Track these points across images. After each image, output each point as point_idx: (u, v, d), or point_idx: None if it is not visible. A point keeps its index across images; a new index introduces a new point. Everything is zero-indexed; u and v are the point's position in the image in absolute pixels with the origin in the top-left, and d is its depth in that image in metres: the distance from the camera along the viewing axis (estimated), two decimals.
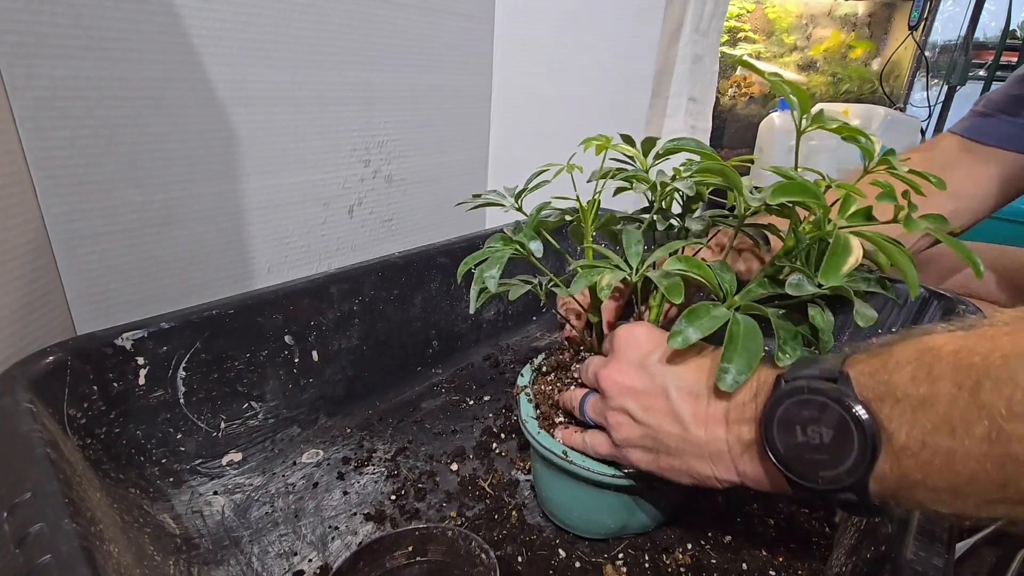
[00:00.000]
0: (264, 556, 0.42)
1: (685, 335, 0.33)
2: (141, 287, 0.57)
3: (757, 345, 0.32)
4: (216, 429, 0.51)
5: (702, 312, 0.34)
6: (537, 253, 0.43)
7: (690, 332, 0.33)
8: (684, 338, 0.33)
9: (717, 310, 0.34)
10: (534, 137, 0.97)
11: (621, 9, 0.91)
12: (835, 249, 0.31)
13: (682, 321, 0.33)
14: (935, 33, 1.98)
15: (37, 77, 0.46)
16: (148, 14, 0.51)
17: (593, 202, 0.45)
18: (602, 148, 0.43)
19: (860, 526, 0.40)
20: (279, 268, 0.69)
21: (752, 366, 0.31)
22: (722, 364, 0.32)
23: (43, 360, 0.41)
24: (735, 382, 0.32)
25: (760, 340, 0.32)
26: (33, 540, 0.28)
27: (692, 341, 0.33)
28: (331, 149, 0.71)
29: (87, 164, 0.50)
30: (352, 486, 0.50)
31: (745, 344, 0.32)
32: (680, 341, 0.33)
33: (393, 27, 0.73)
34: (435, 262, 0.69)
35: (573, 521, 0.44)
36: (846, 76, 2.01)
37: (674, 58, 0.99)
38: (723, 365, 0.32)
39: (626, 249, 0.40)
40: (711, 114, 1.11)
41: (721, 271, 0.36)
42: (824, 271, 0.31)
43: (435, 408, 0.62)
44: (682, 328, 0.33)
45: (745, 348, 0.32)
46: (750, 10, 1.98)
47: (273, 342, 0.54)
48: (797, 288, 0.34)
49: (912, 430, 0.26)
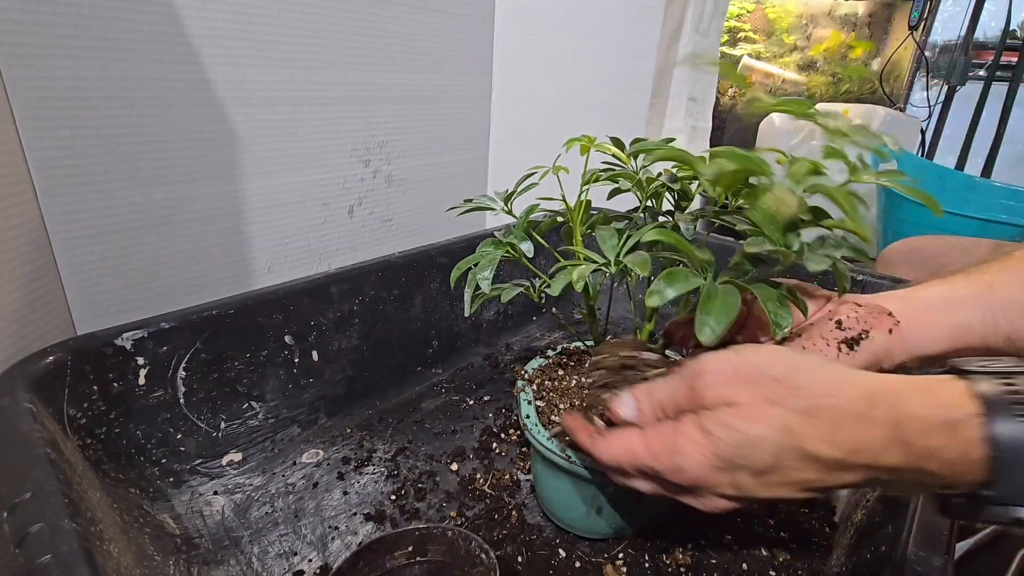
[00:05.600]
0: (264, 556, 0.42)
1: (662, 293, 0.33)
2: (141, 287, 0.57)
3: (736, 300, 0.32)
4: (216, 429, 0.51)
5: (680, 276, 0.34)
6: (528, 254, 0.44)
7: (668, 291, 0.33)
8: (661, 295, 0.33)
9: (696, 277, 0.34)
10: (534, 137, 0.97)
11: (621, 9, 0.91)
12: (768, 199, 0.32)
13: (660, 281, 0.34)
14: (935, 33, 1.98)
15: (37, 77, 0.46)
16: (148, 14, 0.51)
17: (580, 203, 0.45)
18: (586, 149, 0.43)
19: (860, 526, 0.40)
20: (279, 268, 0.69)
21: (730, 318, 0.31)
22: (701, 316, 0.31)
23: (43, 360, 0.41)
24: (713, 332, 0.31)
25: (737, 296, 0.32)
26: (33, 540, 0.28)
27: (669, 298, 0.33)
28: (331, 149, 0.71)
29: (87, 164, 0.50)
30: (352, 486, 0.50)
31: (724, 300, 0.32)
32: (657, 299, 0.33)
33: (393, 27, 0.73)
34: (435, 262, 0.69)
35: (573, 521, 0.44)
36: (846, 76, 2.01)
37: (674, 58, 0.99)
38: (702, 317, 0.31)
39: (601, 244, 0.41)
40: (711, 114, 1.11)
41: (699, 251, 0.37)
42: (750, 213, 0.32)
43: (435, 408, 0.62)
44: (660, 288, 0.33)
45: (724, 303, 0.32)
46: (750, 10, 1.98)
47: (273, 342, 0.54)
48: (756, 246, 0.34)
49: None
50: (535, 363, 0.50)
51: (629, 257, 0.36)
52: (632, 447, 0.33)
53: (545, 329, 0.82)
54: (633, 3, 0.90)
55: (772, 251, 0.34)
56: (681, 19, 0.97)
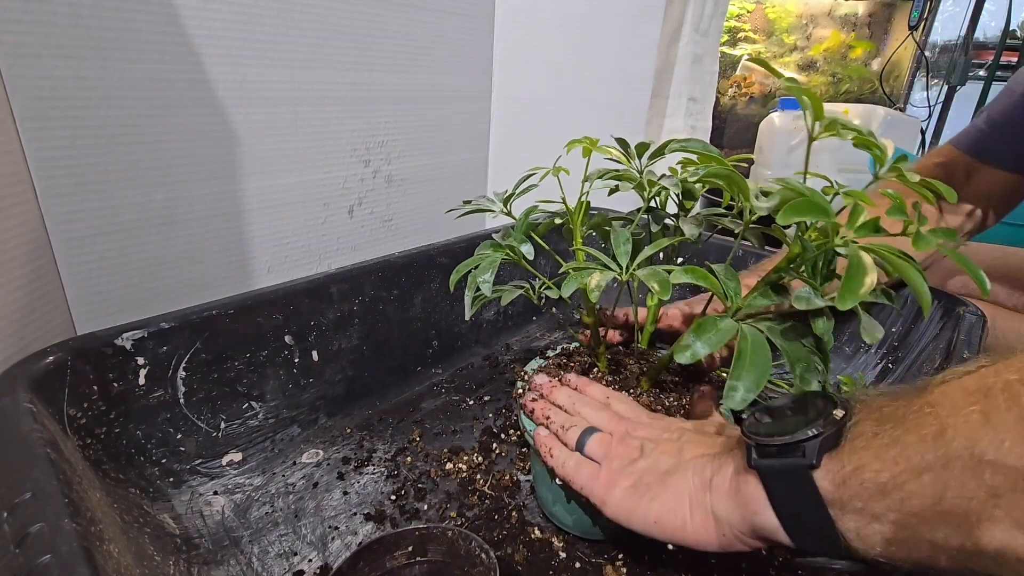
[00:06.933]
0: (264, 556, 0.42)
1: (693, 349, 0.33)
2: (141, 287, 0.57)
3: (765, 360, 0.32)
4: (216, 429, 0.51)
5: (709, 326, 0.33)
6: (528, 256, 0.43)
7: (698, 346, 0.33)
8: (692, 352, 0.32)
9: (723, 322, 0.34)
10: (534, 137, 0.97)
11: (621, 9, 0.91)
12: (853, 271, 0.30)
13: (690, 335, 0.33)
14: (935, 33, 1.98)
15: (37, 77, 0.46)
16: (148, 14, 0.51)
17: (580, 204, 0.45)
18: (587, 151, 0.43)
19: None
20: (279, 268, 0.69)
21: (760, 384, 0.31)
22: (730, 382, 0.31)
23: (43, 360, 0.41)
24: (744, 400, 0.31)
25: (768, 354, 0.32)
26: (33, 540, 0.28)
27: (700, 355, 0.32)
28: (331, 149, 0.71)
29: (87, 164, 0.50)
30: (352, 486, 0.50)
31: (753, 360, 0.32)
32: (688, 356, 0.32)
33: (393, 27, 0.73)
34: (435, 262, 0.69)
35: (573, 522, 0.44)
36: (846, 76, 2.01)
37: (674, 58, 0.99)
38: (731, 383, 0.31)
39: (615, 249, 0.40)
40: (711, 114, 1.11)
41: (727, 278, 0.36)
42: (842, 295, 0.29)
43: (435, 408, 0.62)
44: (690, 342, 0.33)
45: (753, 364, 0.31)
46: (750, 10, 1.98)
47: (273, 342, 0.54)
48: (806, 303, 0.33)
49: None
50: (535, 363, 0.50)
51: (646, 273, 0.36)
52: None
53: (545, 329, 0.82)
54: (633, 3, 0.90)
55: (821, 308, 0.33)
56: (681, 19, 0.97)
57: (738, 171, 0.37)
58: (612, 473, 0.36)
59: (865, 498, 0.26)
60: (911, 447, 0.25)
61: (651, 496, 0.34)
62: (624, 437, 0.38)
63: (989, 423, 0.23)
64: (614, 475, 0.36)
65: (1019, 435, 0.22)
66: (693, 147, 0.41)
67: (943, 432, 0.24)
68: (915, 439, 0.25)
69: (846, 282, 0.30)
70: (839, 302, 0.30)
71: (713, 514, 0.32)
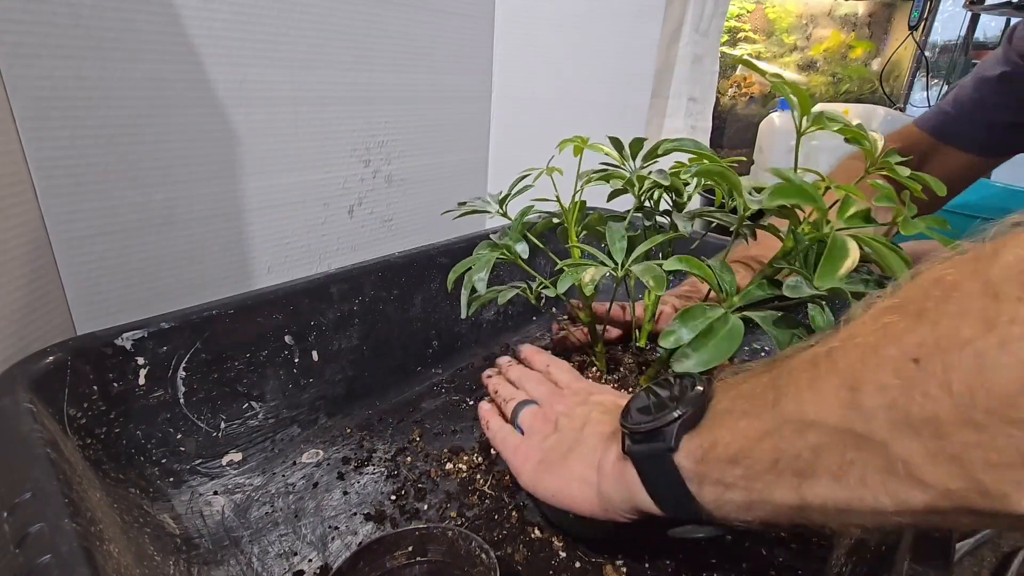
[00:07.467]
0: (264, 556, 0.42)
1: (678, 335, 0.33)
2: (141, 287, 0.57)
3: (730, 347, 0.32)
4: (216, 429, 0.51)
5: (697, 313, 0.34)
6: (523, 255, 0.44)
7: (683, 332, 0.33)
8: (676, 338, 0.33)
9: (713, 311, 0.34)
10: (534, 137, 0.97)
11: (621, 9, 0.91)
12: (831, 252, 0.31)
13: (676, 321, 0.34)
14: (935, 33, 1.98)
15: (37, 77, 0.46)
16: (148, 14, 0.51)
17: (575, 203, 0.45)
18: (579, 150, 0.43)
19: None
20: (279, 268, 0.69)
21: (710, 364, 0.32)
22: (685, 348, 0.33)
23: (43, 360, 0.41)
24: (691, 367, 0.32)
25: (735, 345, 0.32)
26: (33, 540, 0.28)
27: (684, 341, 0.33)
28: (331, 149, 0.71)
29: (87, 164, 0.50)
30: (352, 486, 0.50)
31: (718, 342, 0.32)
32: (672, 341, 0.33)
33: (393, 27, 0.73)
34: (435, 262, 0.69)
35: (573, 522, 0.44)
36: (846, 76, 2.01)
37: (674, 58, 0.99)
38: (685, 349, 0.32)
39: (610, 246, 0.40)
40: (711, 114, 1.11)
41: (721, 271, 0.36)
42: (820, 274, 0.31)
43: (435, 408, 0.62)
44: (675, 328, 0.33)
45: (716, 346, 0.32)
46: (750, 10, 1.98)
47: (273, 342, 0.54)
48: (795, 290, 0.34)
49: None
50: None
51: (641, 268, 0.36)
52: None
53: (545, 329, 0.82)
54: (633, 3, 0.90)
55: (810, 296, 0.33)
56: (681, 19, 0.97)
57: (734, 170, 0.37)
58: (528, 448, 0.40)
59: (720, 470, 0.28)
60: (754, 417, 0.27)
61: (552, 473, 0.38)
62: (545, 412, 0.41)
63: (812, 387, 0.25)
64: (529, 450, 0.40)
65: (836, 396, 0.24)
66: (686, 146, 0.41)
67: (779, 400, 0.26)
68: (758, 409, 0.27)
69: (825, 262, 0.31)
70: (817, 280, 0.31)
71: (599, 493, 0.35)
